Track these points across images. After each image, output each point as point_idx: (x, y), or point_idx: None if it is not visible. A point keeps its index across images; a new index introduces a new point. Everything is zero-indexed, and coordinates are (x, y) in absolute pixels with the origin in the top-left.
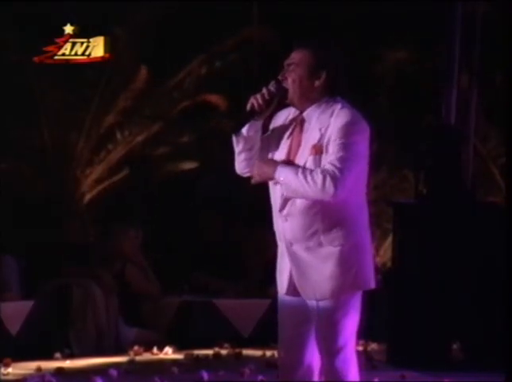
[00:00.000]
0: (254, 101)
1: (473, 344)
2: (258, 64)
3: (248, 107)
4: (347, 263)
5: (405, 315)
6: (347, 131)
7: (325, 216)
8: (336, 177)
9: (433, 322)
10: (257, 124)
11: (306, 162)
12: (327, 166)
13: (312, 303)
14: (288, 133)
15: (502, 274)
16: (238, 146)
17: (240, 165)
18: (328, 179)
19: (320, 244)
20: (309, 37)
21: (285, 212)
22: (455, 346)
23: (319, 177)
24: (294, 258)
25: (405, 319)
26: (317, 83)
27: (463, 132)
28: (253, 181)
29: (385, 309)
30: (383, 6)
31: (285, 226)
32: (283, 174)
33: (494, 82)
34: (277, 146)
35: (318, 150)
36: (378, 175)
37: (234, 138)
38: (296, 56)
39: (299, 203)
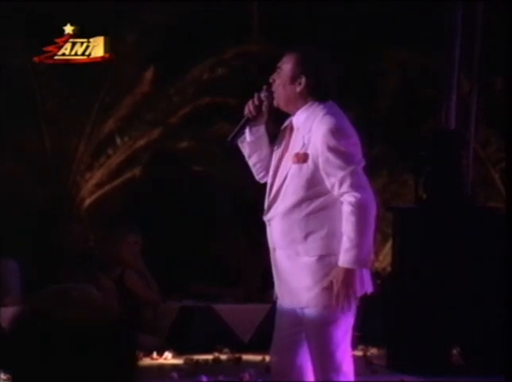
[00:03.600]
0: (246, 107)
1: (473, 349)
2: (258, 70)
3: (244, 112)
4: (322, 275)
5: (405, 320)
6: (332, 139)
7: (302, 225)
8: (357, 197)
9: (433, 327)
10: (259, 129)
11: (289, 171)
12: (344, 197)
13: (298, 310)
14: (281, 142)
15: (502, 279)
16: (245, 151)
17: (254, 170)
18: (356, 205)
19: (298, 254)
20: (304, 43)
21: (268, 216)
22: (454, 351)
23: (350, 210)
24: (276, 264)
25: (404, 324)
26: (298, 88)
27: (463, 137)
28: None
29: (384, 314)
30: (383, 8)
31: (269, 231)
32: (350, 252)
33: (494, 86)
34: (274, 157)
35: (300, 159)
36: (377, 180)
37: (240, 145)
38: (284, 60)
39: (279, 209)
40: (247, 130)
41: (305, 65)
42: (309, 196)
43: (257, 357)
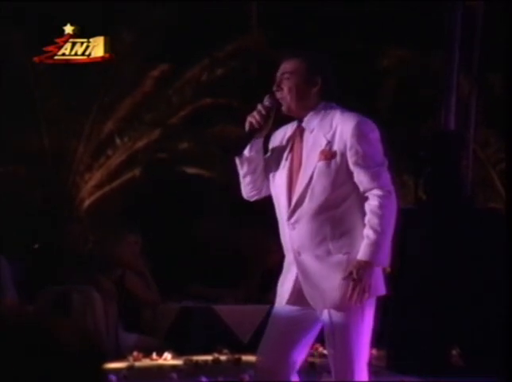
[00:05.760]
0: (252, 119)
1: (473, 350)
2: (257, 70)
3: (247, 126)
4: None
5: (405, 321)
6: (362, 132)
7: (334, 223)
8: (389, 193)
9: (433, 328)
10: (258, 143)
11: (315, 169)
12: (374, 191)
13: (324, 312)
14: (287, 148)
15: (502, 280)
16: (242, 169)
17: (246, 189)
18: (387, 199)
19: (329, 252)
20: (303, 43)
21: (292, 220)
22: (454, 352)
23: (380, 203)
24: (303, 267)
25: (404, 325)
26: (314, 89)
27: (462, 137)
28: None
29: (385, 315)
30: (383, 8)
31: (293, 234)
32: (374, 246)
33: (494, 87)
34: (277, 166)
35: (328, 155)
36: None
37: (237, 161)
38: (288, 66)
39: (306, 210)
40: (248, 145)
41: (319, 66)
42: (339, 192)
43: None
